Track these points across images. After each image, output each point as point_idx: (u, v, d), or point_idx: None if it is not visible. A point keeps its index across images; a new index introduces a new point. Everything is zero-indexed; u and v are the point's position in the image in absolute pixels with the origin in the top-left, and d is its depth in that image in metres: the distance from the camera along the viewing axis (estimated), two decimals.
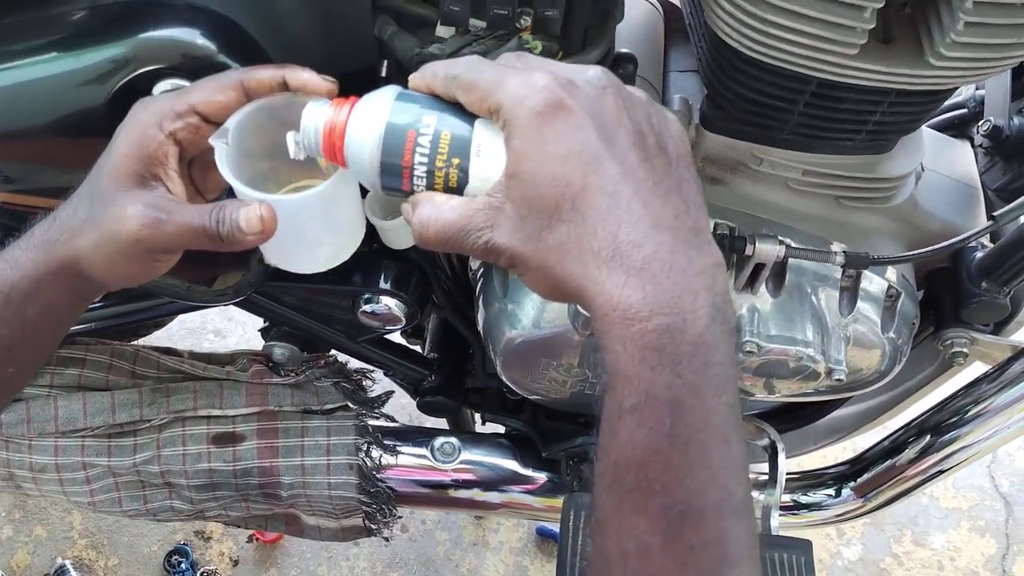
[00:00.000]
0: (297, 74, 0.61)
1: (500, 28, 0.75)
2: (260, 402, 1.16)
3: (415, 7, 0.78)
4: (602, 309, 0.47)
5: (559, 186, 0.48)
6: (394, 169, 0.55)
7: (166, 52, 0.68)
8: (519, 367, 1.03)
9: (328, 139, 0.57)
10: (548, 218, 0.48)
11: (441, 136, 0.54)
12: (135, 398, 1.12)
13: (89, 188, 0.61)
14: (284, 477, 1.15)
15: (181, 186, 0.61)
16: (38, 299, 0.62)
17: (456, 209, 0.53)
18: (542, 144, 0.49)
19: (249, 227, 0.57)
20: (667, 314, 0.46)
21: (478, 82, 0.52)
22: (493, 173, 0.52)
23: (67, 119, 0.71)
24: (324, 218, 0.63)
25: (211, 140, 0.60)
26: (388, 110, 0.55)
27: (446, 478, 1.18)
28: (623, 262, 0.47)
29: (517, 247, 0.50)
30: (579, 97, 0.50)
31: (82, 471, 1.14)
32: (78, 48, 0.69)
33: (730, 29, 0.79)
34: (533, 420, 1.19)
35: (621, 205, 0.48)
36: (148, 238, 0.58)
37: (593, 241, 0.47)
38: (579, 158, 0.48)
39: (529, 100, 0.49)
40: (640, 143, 0.50)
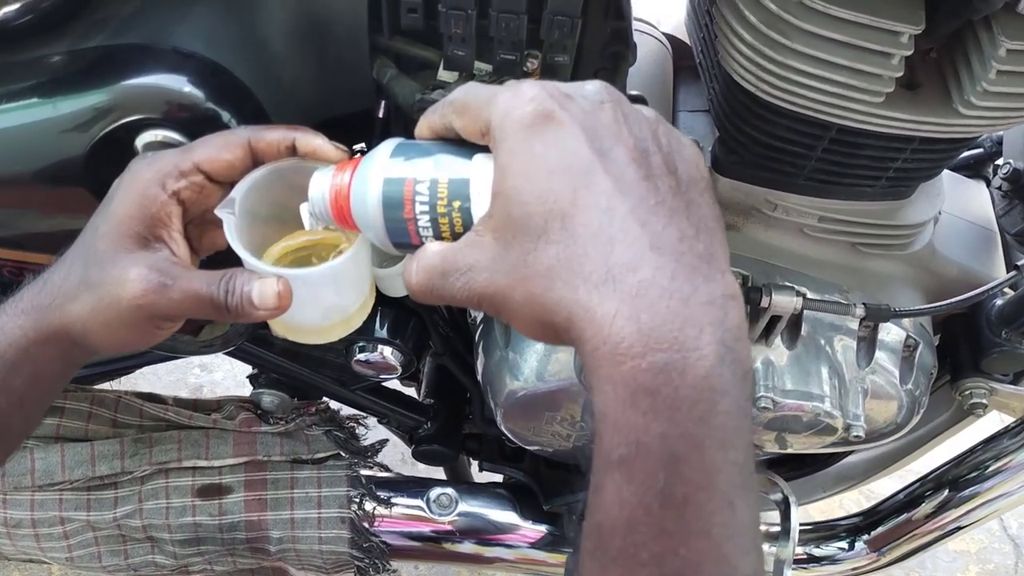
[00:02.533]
0: (308, 140, 0.58)
1: (506, 73, 0.70)
2: (248, 452, 1.10)
3: (416, 49, 0.74)
4: (591, 342, 0.41)
5: (547, 203, 0.43)
6: (399, 225, 0.51)
7: (150, 100, 0.63)
8: (521, 420, 0.98)
9: (336, 206, 0.54)
10: (535, 240, 0.43)
11: (439, 180, 0.50)
12: (116, 449, 1.07)
13: (84, 249, 0.57)
14: (272, 531, 1.10)
15: (185, 248, 0.58)
16: (26, 368, 0.58)
17: (438, 254, 0.48)
18: (529, 158, 0.43)
19: (263, 302, 0.54)
20: (664, 350, 0.39)
21: (470, 103, 0.48)
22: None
23: (44, 169, 0.66)
24: (340, 288, 0.59)
25: (217, 212, 0.56)
26: (385, 164, 0.52)
27: (443, 531, 1.13)
28: (616, 287, 0.40)
29: (500, 281, 0.44)
30: (571, 109, 0.45)
31: (59, 526, 1.08)
32: (56, 95, 0.65)
33: (747, 73, 0.75)
34: (534, 469, 1.14)
35: (615, 223, 0.42)
36: (151, 304, 0.54)
37: (584, 263, 0.41)
38: (569, 171, 0.43)
39: (516, 111, 0.44)
40: (641, 160, 0.44)
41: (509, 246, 0.44)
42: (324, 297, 0.60)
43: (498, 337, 0.95)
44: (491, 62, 0.71)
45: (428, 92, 0.71)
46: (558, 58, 0.69)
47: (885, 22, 0.67)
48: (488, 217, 0.46)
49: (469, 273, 0.46)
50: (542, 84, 0.46)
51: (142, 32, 0.65)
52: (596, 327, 0.40)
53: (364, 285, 0.62)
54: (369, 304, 0.64)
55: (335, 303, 0.61)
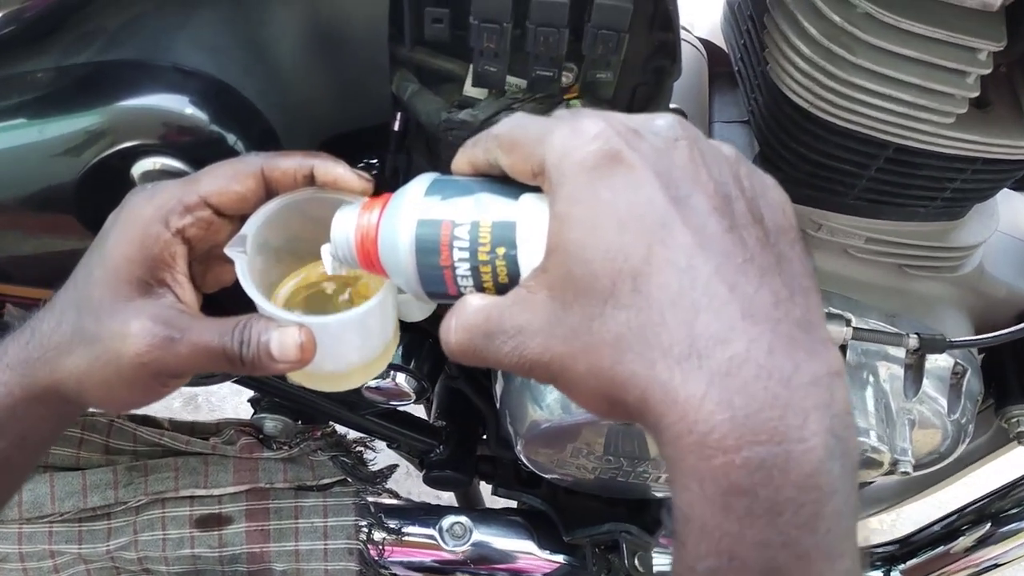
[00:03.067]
0: (328, 168, 0.51)
1: (542, 90, 0.63)
2: (249, 479, 1.04)
3: (439, 61, 0.67)
4: (673, 429, 0.34)
5: (615, 261, 0.36)
6: (434, 272, 0.45)
7: (147, 124, 0.57)
8: (543, 451, 0.92)
9: (362, 250, 0.48)
10: (600, 304, 0.37)
11: (481, 223, 0.43)
12: (109, 478, 1.00)
13: (77, 295, 0.50)
14: (276, 564, 1.04)
15: (191, 292, 0.51)
16: (13, 429, 0.51)
17: (482, 310, 0.41)
18: (593, 207, 0.37)
19: (283, 354, 0.47)
20: (763, 443, 0.33)
21: (519, 139, 0.42)
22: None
23: (29, 199, 0.59)
24: (365, 335, 0.53)
25: (228, 251, 0.50)
26: (419, 203, 0.45)
27: (456, 563, 1.06)
28: (703, 363, 0.34)
29: (557, 348, 0.38)
30: (642, 148, 0.38)
31: (49, 560, 1.01)
32: (42, 116, 0.58)
33: (800, 88, 0.69)
34: (552, 496, 1.08)
35: (698, 286, 0.35)
36: (156, 361, 0.48)
37: (662, 333, 0.35)
38: (641, 223, 0.36)
39: (577, 152, 0.38)
40: (724, 208, 0.38)
41: (569, 308, 0.38)
42: (347, 345, 0.53)
43: None
44: (525, 77, 0.64)
45: (455, 111, 0.64)
46: (600, 75, 0.62)
47: (963, 38, 0.61)
48: (542, 271, 0.40)
49: (519, 336, 0.40)
50: (605, 117, 0.39)
51: (136, 46, 0.58)
52: (679, 412, 0.34)
53: (389, 329, 0.56)
54: (393, 348, 0.58)
55: (358, 350, 0.54)
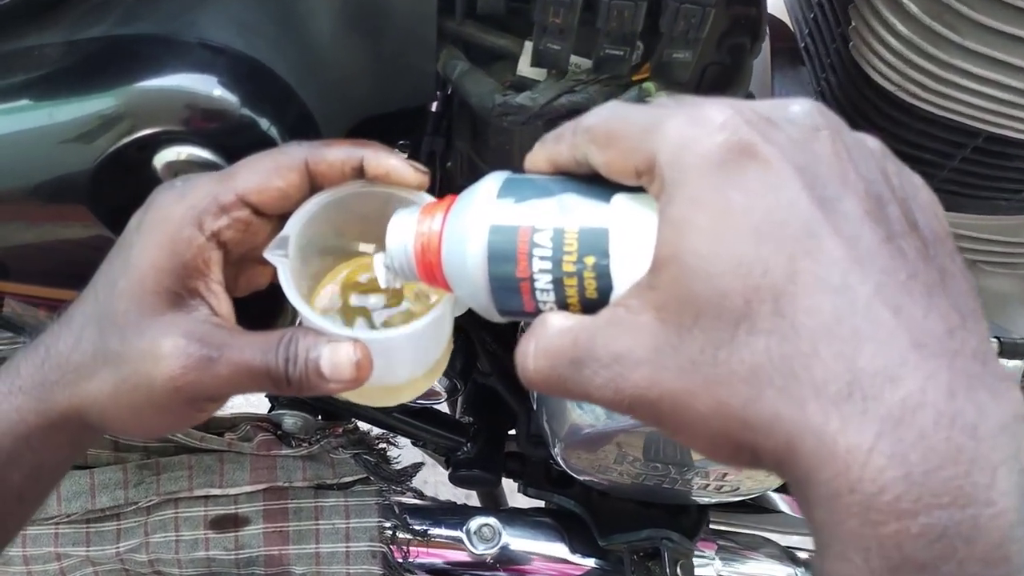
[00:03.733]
0: (380, 160, 0.45)
1: (610, 71, 0.57)
2: (267, 477, 0.98)
3: (492, 37, 0.60)
4: (829, 486, 0.28)
5: (750, 276, 0.30)
6: (508, 285, 0.38)
7: (171, 108, 0.50)
8: (584, 456, 0.86)
9: (423, 260, 0.42)
10: (731, 328, 0.30)
11: (566, 229, 0.37)
12: (118, 478, 0.95)
13: (98, 308, 0.44)
14: (295, 567, 0.98)
15: (228, 302, 0.45)
16: (27, 460, 0.45)
17: (568, 332, 0.35)
18: (721, 211, 0.31)
19: (335, 373, 0.42)
20: (946, 507, 0.27)
21: (619, 131, 0.35)
22: (644, 272, 0.34)
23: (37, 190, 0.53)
24: (423, 350, 0.48)
25: (268, 256, 0.44)
26: (490, 207, 0.39)
27: (484, 567, 1.01)
28: (868, 406, 0.28)
29: (669, 382, 0.32)
30: (779, 141, 0.32)
31: (55, 562, 0.96)
32: (51, 97, 0.51)
33: (889, 70, 0.62)
34: (585, 497, 1.02)
35: (857, 309, 0.29)
36: (192, 384, 0.42)
37: (814, 367, 0.29)
38: (783, 232, 0.30)
39: (700, 144, 0.32)
40: (878, 213, 0.31)
41: (686, 333, 0.31)
42: (402, 361, 0.48)
43: None
44: (589, 56, 0.57)
45: (511, 93, 0.57)
46: (677, 54, 0.55)
47: None
48: (648, 288, 0.33)
49: (616, 366, 0.33)
50: (732, 104, 0.33)
51: (158, 19, 0.51)
52: (838, 466, 0.28)
53: (444, 340, 0.50)
54: (446, 360, 0.52)
55: (411, 364, 0.49)
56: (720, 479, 0.85)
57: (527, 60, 0.59)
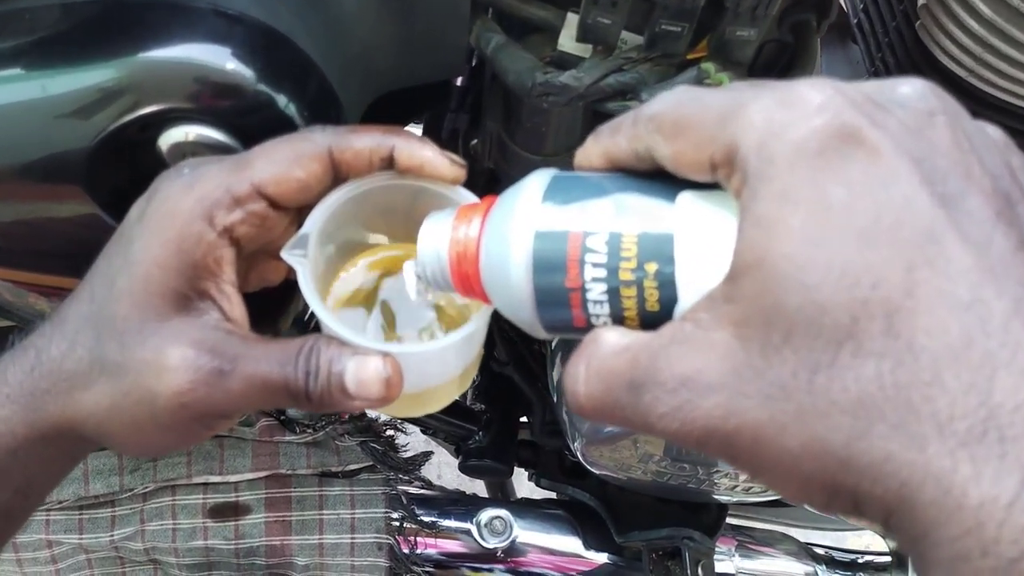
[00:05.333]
0: (413, 151, 0.40)
1: (664, 49, 0.51)
2: (269, 465, 0.94)
3: (532, 8, 0.54)
4: (955, 545, 0.23)
5: (857, 288, 0.25)
6: (556, 297, 0.34)
7: (179, 82, 0.44)
8: (607, 452, 0.81)
9: (458, 270, 0.37)
10: (832, 349, 0.25)
11: (623, 234, 0.32)
12: (113, 464, 0.90)
13: (94, 310, 0.39)
14: (297, 558, 0.94)
15: (241, 306, 0.40)
16: (14, 475, 0.41)
17: (625, 352, 0.30)
18: (821, 209, 0.26)
19: (361, 390, 0.37)
20: None
21: (692, 117, 0.30)
22: (717, 280, 0.29)
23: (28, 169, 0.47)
24: (456, 360, 0.43)
25: (286, 256, 0.40)
26: (536, 210, 0.34)
27: (494, 561, 0.97)
28: (1006, 449, 0.23)
29: (750, 413, 0.27)
30: (889, 126, 0.27)
31: (46, 550, 0.91)
32: (44, 66, 0.45)
33: (963, 54, 0.58)
34: (600, 490, 0.98)
35: (992, 331, 0.24)
36: (201, 401, 0.37)
37: (937, 399, 0.24)
38: (897, 236, 0.25)
39: (793, 130, 0.27)
40: (1009, 215, 0.26)
41: (774, 354, 0.26)
42: (431, 374, 0.43)
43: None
44: (640, 32, 0.52)
45: (553, 71, 0.52)
46: (741, 32, 0.50)
47: None
48: (723, 300, 0.28)
49: (683, 391, 0.28)
50: (831, 84, 0.28)
51: None
52: (969, 522, 0.23)
53: (476, 350, 0.46)
54: (476, 370, 0.48)
55: (440, 378, 0.44)
56: (749, 480, 0.80)
57: (570, 34, 0.53)
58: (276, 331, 0.70)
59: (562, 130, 0.58)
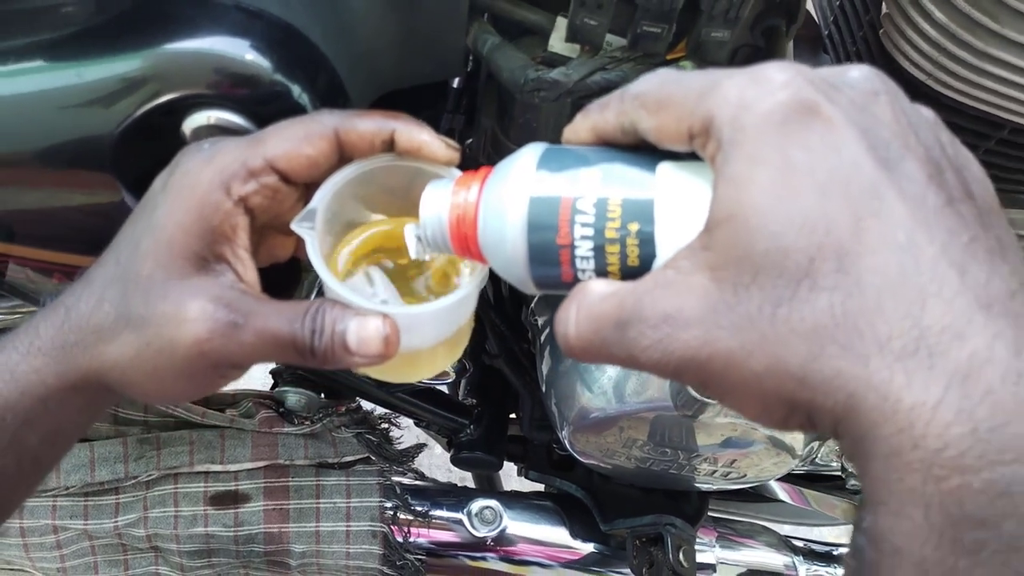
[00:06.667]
0: (412, 133, 0.44)
1: (646, 49, 0.56)
2: (268, 455, 0.97)
3: (524, 11, 0.59)
4: (891, 442, 0.28)
5: (815, 233, 0.30)
6: (548, 254, 0.38)
7: (202, 71, 0.48)
8: (593, 439, 0.85)
9: (457, 232, 0.42)
10: (792, 285, 0.30)
11: (609, 199, 0.37)
12: (118, 451, 0.93)
13: (120, 270, 0.43)
14: (295, 545, 0.97)
15: (253, 270, 0.44)
16: (43, 423, 0.45)
17: (612, 297, 0.35)
18: (784, 169, 0.31)
19: (362, 348, 0.41)
20: (1010, 463, 0.26)
21: (673, 94, 0.35)
22: (691, 238, 0.34)
23: (60, 152, 0.51)
24: (449, 324, 0.47)
25: (295, 227, 0.44)
26: (530, 177, 0.38)
27: (485, 549, 1.00)
28: (934, 362, 0.28)
29: (723, 341, 0.31)
30: (841, 102, 0.32)
31: (52, 535, 0.95)
32: (78, 56, 0.49)
33: (923, 59, 0.62)
34: (587, 482, 1.02)
35: (923, 268, 0.29)
36: (217, 350, 0.41)
37: (878, 324, 0.29)
38: (847, 191, 0.30)
39: (761, 103, 0.32)
40: (939, 178, 0.31)
41: (743, 291, 0.31)
42: (428, 336, 0.47)
43: None
44: (622, 33, 0.56)
45: (543, 69, 0.56)
46: (715, 33, 0.54)
47: None
48: (701, 249, 0.33)
49: (664, 326, 0.33)
50: (793, 66, 0.33)
51: None
52: (903, 421, 0.28)
53: (468, 315, 0.50)
54: (467, 339, 0.51)
55: (437, 340, 0.48)
56: (728, 465, 0.84)
57: (559, 35, 0.58)
58: None
59: (552, 125, 0.63)
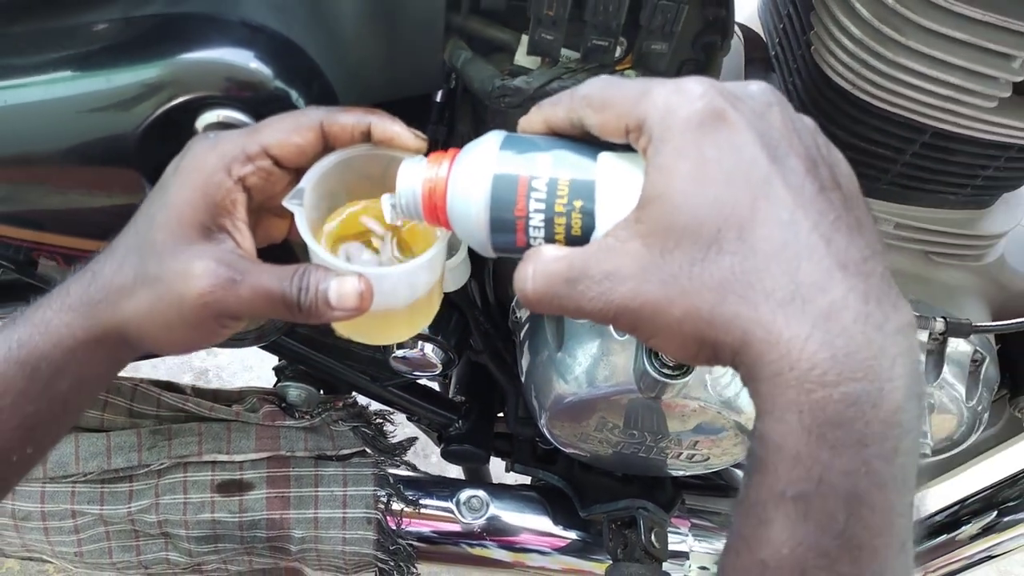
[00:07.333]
0: (385, 125, 0.53)
1: (596, 60, 0.64)
2: (271, 447, 1.05)
3: (493, 30, 0.68)
4: (774, 366, 0.37)
5: (723, 210, 0.39)
6: (506, 223, 0.47)
7: (212, 77, 0.57)
8: (568, 425, 0.93)
9: (428, 201, 0.49)
10: (704, 249, 0.39)
11: (559, 179, 0.45)
12: (133, 441, 1.01)
13: (137, 239, 0.51)
14: (295, 530, 1.05)
15: (250, 239, 0.52)
16: (72, 371, 0.52)
17: (564, 259, 0.43)
18: (699, 161, 0.40)
19: (341, 302, 0.49)
20: (859, 380, 0.36)
21: (614, 97, 0.44)
22: (625, 214, 0.43)
23: (91, 147, 0.60)
24: (421, 287, 0.54)
25: (287, 204, 0.51)
26: (494, 159, 0.47)
27: (472, 535, 1.08)
28: (805, 308, 0.37)
29: (652, 293, 0.40)
30: (743, 110, 0.41)
31: (71, 519, 1.02)
32: (106, 67, 0.58)
33: (846, 69, 0.70)
34: (568, 473, 1.09)
35: (800, 238, 0.38)
36: (218, 301, 0.49)
37: (765, 279, 0.38)
38: (747, 179, 0.40)
39: (683, 109, 0.41)
40: (814, 171, 0.41)
41: (668, 254, 0.40)
42: (401, 296, 0.54)
43: (549, 337, 0.89)
44: (577, 49, 0.65)
45: (508, 78, 0.65)
46: (655, 46, 0.63)
47: (1012, 21, 0.62)
48: (635, 222, 0.42)
49: (606, 282, 0.41)
50: (707, 80, 0.42)
51: (204, 0, 0.59)
52: (782, 350, 0.37)
53: (436, 279, 0.57)
54: (436, 306, 0.59)
55: (408, 302, 0.55)
56: (692, 447, 0.92)
57: (524, 51, 0.67)
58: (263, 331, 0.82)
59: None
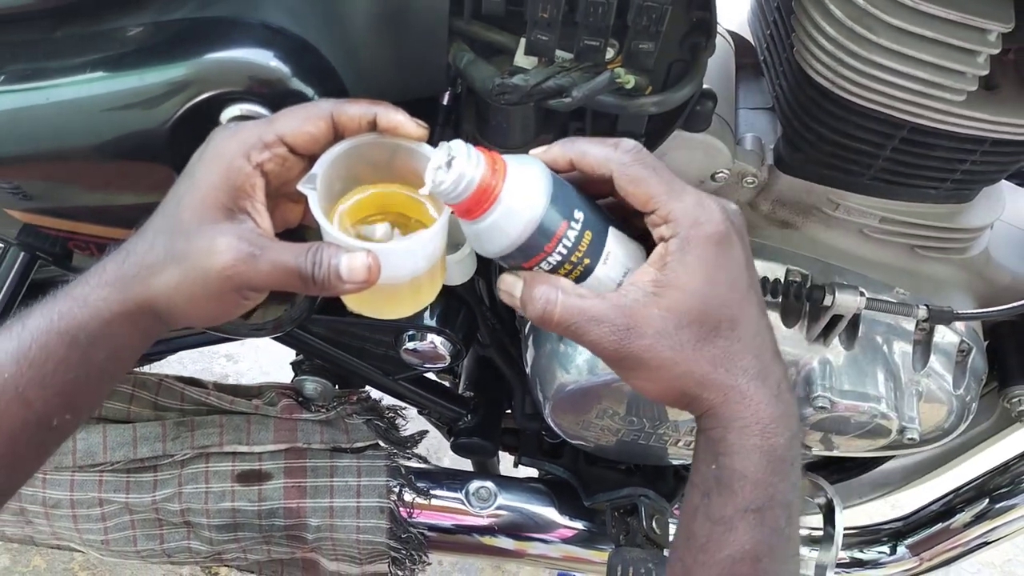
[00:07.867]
0: (390, 115, 0.58)
1: (588, 59, 0.70)
2: (289, 439, 1.10)
3: (492, 34, 0.73)
4: (744, 420, 0.55)
5: (724, 307, 0.55)
6: (533, 250, 0.56)
7: (235, 75, 0.63)
8: (570, 413, 0.97)
9: (478, 196, 0.55)
10: (708, 332, 0.54)
11: (585, 234, 0.56)
12: (158, 432, 1.06)
13: (166, 221, 0.56)
14: (311, 519, 1.09)
15: (268, 220, 0.57)
16: (108, 341, 0.57)
17: (588, 299, 0.55)
18: (715, 269, 0.55)
19: (351, 275, 0.54)
20: (790, 428, 0.56)
21: (650, 181, 0.55)
22: (611, 279, 0.57)
23: (124, 142, 0.66)
24: (423, 263, 0.59)
25: (300, 187, 0.56)
26: (546, 193, 0.56)
27: (481, 525, 1.12)
28: (765, 382, 0.55)
29: (663, 353, 0.54)
30: (740, 233, 0.57)
31: (98, 507, 1.07)
32: (140, 67, 0.64)
33: (824, 68, 0.75)
34: (573, 465, 1.14)
35: (762, 333, 0.57)
36: (240, 275, 0.54)
37: (744, 359, 0.55)
38: (739, 287, 0.56)
39: (708, 226, 0.55)
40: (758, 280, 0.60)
41: (681, 329, 0.54)
42: (407, 271, 0.59)
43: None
44: (571, 50, 0.70)
45: (507, 77, 0.70)
46: (643, 45, 0.68)
47: (974, 19, 0.67)
48: (654, 295, 0.54)
49: (626, 332, 0.54)
50: (720, 204, 0.56)
51: (228, 5, 0.64)
52: (752, 410, 0.55)
53: (437, 257, 0.61)
54: (437, 286, 0.63)
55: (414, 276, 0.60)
56: (689, 434, 0.96)
57: (522, 52, 0.72)
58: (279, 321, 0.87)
59: (519, 126, 0.77)
